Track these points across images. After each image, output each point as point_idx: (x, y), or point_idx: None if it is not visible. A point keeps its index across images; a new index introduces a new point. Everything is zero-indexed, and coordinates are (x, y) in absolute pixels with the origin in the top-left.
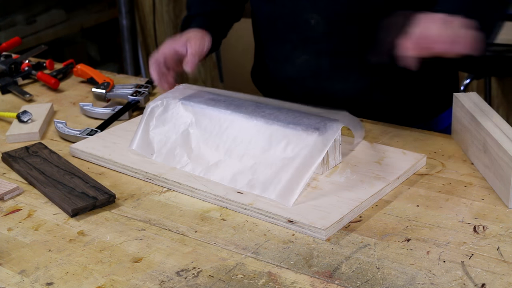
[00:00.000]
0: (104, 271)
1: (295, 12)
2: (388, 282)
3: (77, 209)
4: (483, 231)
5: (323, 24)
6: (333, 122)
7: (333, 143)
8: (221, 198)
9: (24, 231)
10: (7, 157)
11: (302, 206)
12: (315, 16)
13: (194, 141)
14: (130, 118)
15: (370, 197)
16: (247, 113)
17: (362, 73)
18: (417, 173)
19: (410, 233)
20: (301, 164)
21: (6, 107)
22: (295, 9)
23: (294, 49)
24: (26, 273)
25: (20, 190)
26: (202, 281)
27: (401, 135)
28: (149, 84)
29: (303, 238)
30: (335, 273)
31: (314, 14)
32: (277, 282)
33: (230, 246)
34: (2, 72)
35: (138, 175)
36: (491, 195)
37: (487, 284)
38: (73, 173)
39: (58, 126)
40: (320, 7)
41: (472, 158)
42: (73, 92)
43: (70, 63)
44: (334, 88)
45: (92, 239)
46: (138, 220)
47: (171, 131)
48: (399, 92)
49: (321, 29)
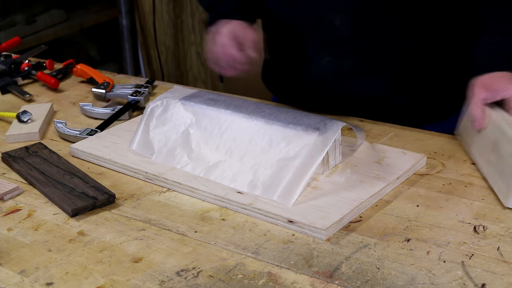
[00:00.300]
0: (104, 271)
1: (318, 13)
2: (388, 282)
3: (77, 209)
4: (483, 231)
5: (347, 25)
6: (333, 122)
7: (333, 143)
8: (221, 198)
9: (24, 231)
10: (7, 157)
11: (302, 206)
12: (339, 17)
13: (194, 141)
14: (130, 118)
15: (370, 197)
16: (247, 113)
17: (386, 74)
18: (417, 173)
19: (410, 233)
20: (301, 164)
21: (6, 107)
22: (317, 11)
23: (317, 50)
24: (26, 273)
25: (20, 190)
26: (202, 281)
27: (401, 135)
28: (149, 84)
29: (303, 238)
30: (335, 273)
31: (337, 15)
32: (277, 282)
33: (230, 246)
34: (2, 72)
35: (138, 175)
36: (491, 195)
37: (487, 284)
38: (73, 173)
39: (58, 126)
40: (343, 8)
41: (475, 155)
42: (73, 92)
43: (70, 63)
44: (358, 88)
45: (92, 239)
46: (138, 220)
47: (171, 131)
48: (421, 92)
49: (345, 30)
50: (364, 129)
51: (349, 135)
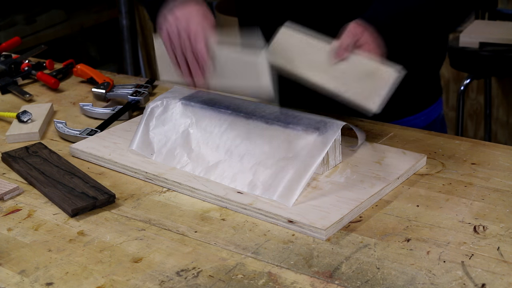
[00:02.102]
0: (104, 271)
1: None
2: (388, 282)
3: (77, 209)
4: (483, 231)
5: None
6: (333, 122)
7: (333, 143)
8: (221, 198)
9: (24, 231)
10: (7, 157)
11: (302, 206)
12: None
13: (194, 141)
14: (130, 118)
15: (370, 197)
16: (247, 113)
17: None
18: (417, 173)
19: (410, 233)
20: (301, 164)
21: (6, 107)
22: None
23: None
24: (26, 273)
25: (20, 190)
26: (202, 281)
27: (401, 135)
28: (149, 84)
29: (303, 238)
30: (335, 273)
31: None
32: (277, 282)
33: (230, 246)
34: (2, 72)
35: (138, 175)
36: (491, 195)
37: (487, 284)
38: (73, 173)
39: (58, 126)
40: (313, 18)
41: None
42: (73, 92)
43: (70, 63)
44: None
45: (92, 239)
46: (138, 220)
47: (171, 131)
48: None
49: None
50: (364, 129)
51: (349, 135)
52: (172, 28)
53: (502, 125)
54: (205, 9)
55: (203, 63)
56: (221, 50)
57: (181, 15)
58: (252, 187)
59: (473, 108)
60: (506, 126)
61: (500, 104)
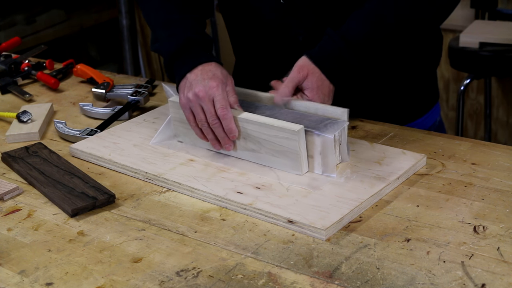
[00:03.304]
0: (104, 271)
1: (282, 29)
2: (388, 282)
3: (77, 209)
4: (483, 231)
5: (311, 41)
6: (333, 122)
7: (332, 142)
8: (221, 198)
9: (24, 231)
10: (7, 157)
11: (302, 206)
12: (302, 32)
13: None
14: (130, 118)
15: (370, 197)
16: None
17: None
18: (417, 173)
19: (410, 233)
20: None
21: (6, 107)
22: (281, 27)
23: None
24: (26, 273)
25: (20, 190)
26: (202, 281)
27: (401, 135)
28: (149, 84)
29: (303, 238)
30: (335, 273)
31: (301, 30)
32: (277, 282)
33: (230, 246)
34: (2, 72)
35: (138, 175)
36: (491, 195)
37: (487, 284)
38: (73, 173)
39: (58, 126)
40: (307, 24)
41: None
42: (73, 92)
43: (70, 63)
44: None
45: (92, 239)
46: (138, 220)
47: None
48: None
49: (309, 45)
50: (364, 129)
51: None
52: (196, 108)
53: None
54: (222, 72)
55: (233, 137)
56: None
57: (202, 91)
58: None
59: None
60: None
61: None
